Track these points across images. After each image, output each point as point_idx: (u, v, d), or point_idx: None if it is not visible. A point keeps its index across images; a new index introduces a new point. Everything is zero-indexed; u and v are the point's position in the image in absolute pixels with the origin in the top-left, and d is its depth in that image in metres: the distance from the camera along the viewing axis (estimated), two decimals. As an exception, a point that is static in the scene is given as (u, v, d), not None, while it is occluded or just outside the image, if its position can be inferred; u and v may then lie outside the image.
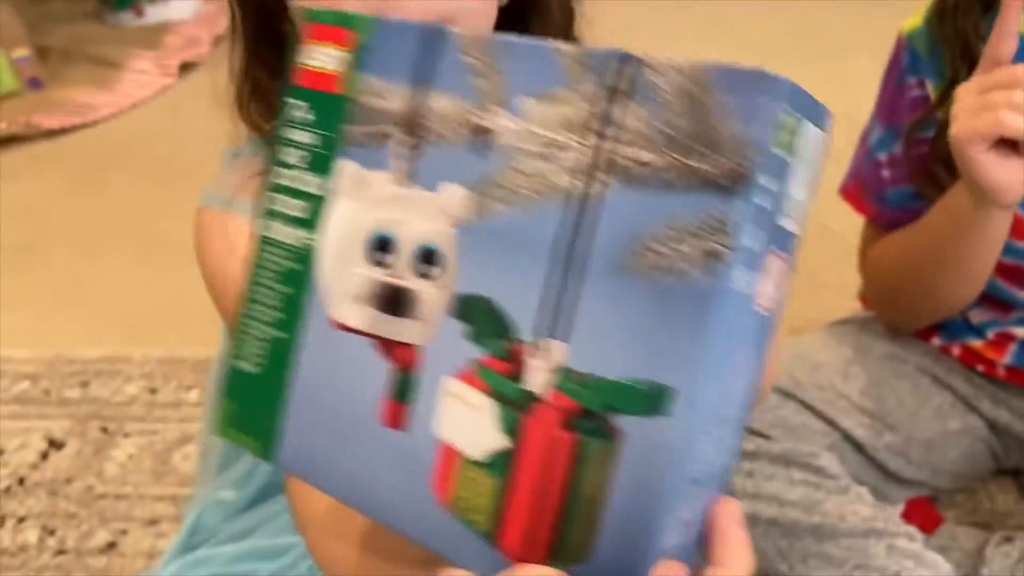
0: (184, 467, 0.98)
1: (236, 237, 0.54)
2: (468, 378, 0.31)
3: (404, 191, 0.32)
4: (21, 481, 0.98)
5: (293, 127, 0.35)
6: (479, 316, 0.31)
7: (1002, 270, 0.71)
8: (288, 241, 0.35)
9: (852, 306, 0.85)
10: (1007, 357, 0.76)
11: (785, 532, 0.71)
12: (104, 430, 1.04)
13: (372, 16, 0.33)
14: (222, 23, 2.02)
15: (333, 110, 0.33)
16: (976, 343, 0.77)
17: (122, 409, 1.06)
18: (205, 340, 1.09)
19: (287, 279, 0.35)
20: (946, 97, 0.65)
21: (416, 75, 0.32)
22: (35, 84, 1.77)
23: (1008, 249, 0.69)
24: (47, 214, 1.45)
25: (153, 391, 1.08)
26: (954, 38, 0.67)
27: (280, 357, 0.35)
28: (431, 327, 0.32)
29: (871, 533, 0.70)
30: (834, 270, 0.86)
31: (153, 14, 2.05)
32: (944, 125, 0.66)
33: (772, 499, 0.71)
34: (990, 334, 0.76)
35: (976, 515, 0.83)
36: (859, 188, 0.77)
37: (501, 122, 0.29)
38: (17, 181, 1.55)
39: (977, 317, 0.76)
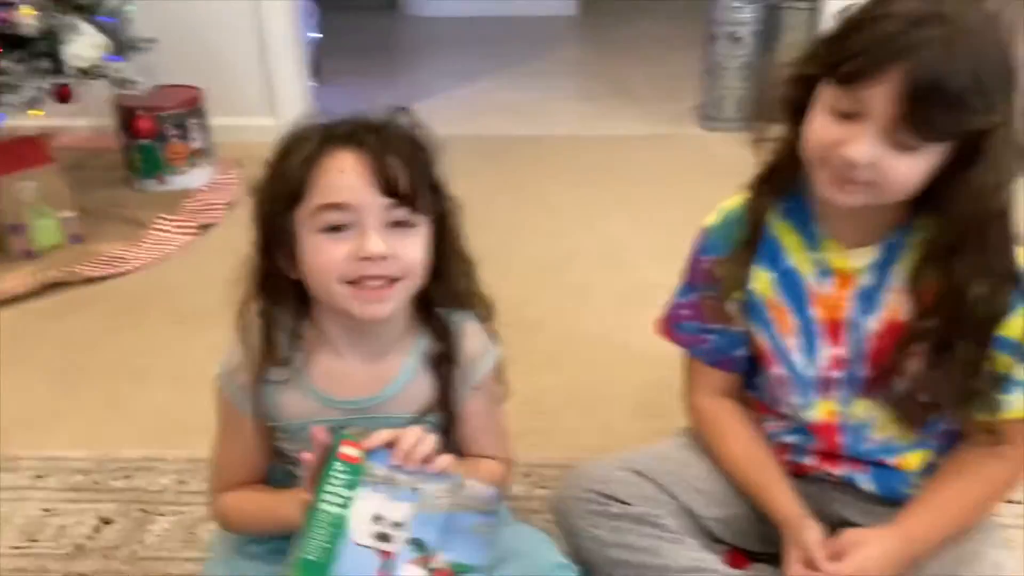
0: (207, 537, 1.27)
1: (227, 419, 0.99)
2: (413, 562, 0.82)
3: (390, 501, 0.83)
4: (80, 548, 1.27)
5: (337, 472, 0.82)
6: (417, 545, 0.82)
7: (768, 390, 1.08)
8: (334, 510, 0.81)
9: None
10: (789, 456, 1.10)
11: (637, 571, 1.02)
12: (143, 511, 1.33)
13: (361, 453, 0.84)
14: (233, 191, 2.42)
15: (356, 469, 0.82)
16: (772, 444, 1.12)
17: (157, 495, 1.36)
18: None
19: (333, 523, 0.81)
20: (722, 265, 1.02)
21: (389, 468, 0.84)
22: (76, 239, 2.11)
23: (764, 374, 1.06)
24: (91, 346, 1.76)
25: (182, 482, 1.39)
26: (748, 218, 1.01)
27: (329, 555, 0.80)
28: (401, 547, 0.82)
29: (696, 570, 1.02)
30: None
31: (173, 182, 2.41)
32: (727, 290, 1.02)
33: (629, 547, 1.03)
34: (776, 442, 1.10)
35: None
36: (664, 321, 1.13)
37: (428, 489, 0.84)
38: (63, 319, 1.86)
39: (768, 428, 1.11)
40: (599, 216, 2.31)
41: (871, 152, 0.84)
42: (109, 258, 2.06)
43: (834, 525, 1.06)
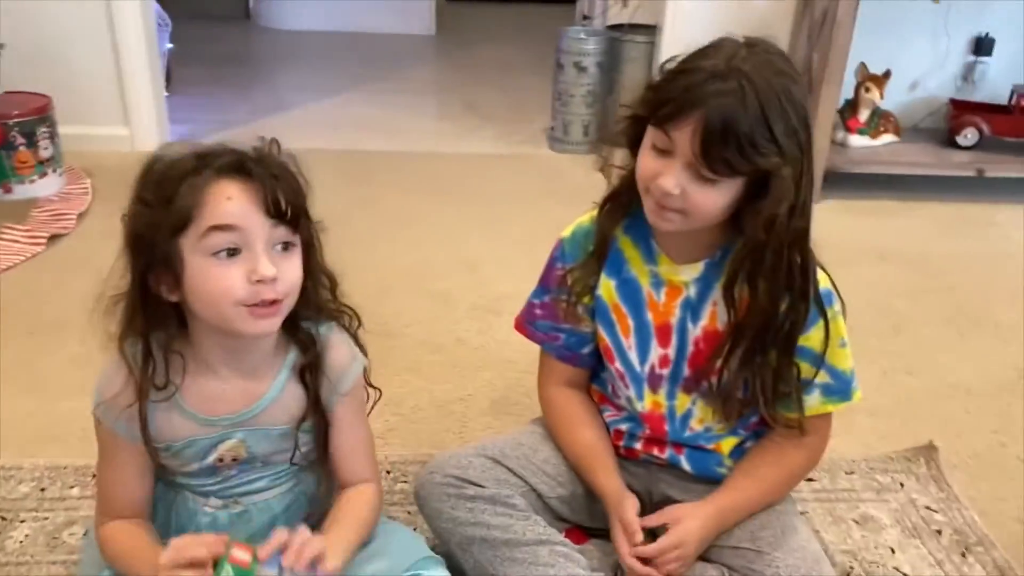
0: (72, 541, 1.29)
1: (109, 447, 1.00)
2: None
3: None
4: (-65, 557, 1.26)
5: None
6: None
7: (608, 384, 1.23)
8: None
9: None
10: (623, 442, 1.26)
11: (491, 546, 1.13)
12: (2, 518, 1.33)
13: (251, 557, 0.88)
14: (84, 201, 2.39)
15: (247, 573, 0.86)
16: (610, 433, 1.27)
17: (17, 503, 1.36)
18: (82, 453, 1.43)
19: None
20: (572, 272, 1.16)
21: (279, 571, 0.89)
22: (-87, 248, 2.04)
23: (605, 368, 1.21)
24: (-62, 357, 1.72)
25: (43, 489, 1.39)
26: (596, 233, 1.15)
27: None
28: None
29: (540, 543, 1.14)
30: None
31: (20, 191, 2.35)
32: (576, 294, 1.16)
33: (483, 524, 1.14)
34: (612, 429, 1.25)
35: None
36: (521, 318, 1.26)
37: None
38: (-96, 330, 1.81)
39: (606, 417, 1.26)
40: (455, 229, 2.43)
41: (678, 183, 1.00)
42: (-48, 268, 2.00)
43: (658, 500, 1.22)
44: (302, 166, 0.97)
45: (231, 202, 0.89)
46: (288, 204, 0.92)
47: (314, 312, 1.03)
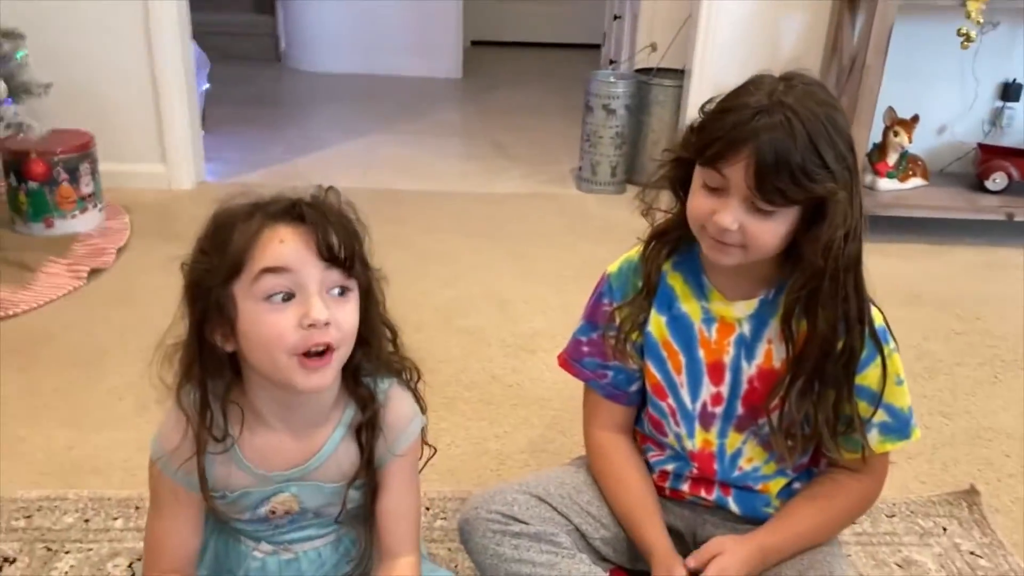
0: (116, 573, 1.30)
1: (165, 497, 0.99)
2: None
3: None
4: (-19, 587, 1.27)
5: None
6: None
7: (652, 422, 1.23)
8: None
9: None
10: (668, 483, 1.25)
11: None
12: (48, 549, 1.34)
13: None
14: (123, 236, 2.43)
15: None
16: (655, 474, 1.27)
17: (62, 534, 1.37)
18: (123, 484, 1.44)
19: None
20: (622, 309, 1.16)
21: None
22: (-43, 281, 2.08)
23: (653, 405, 1.21)
24: (-18, 388, 1.75)
25: (87, 520, 1.39)
26: (644, 269, 1.17)
27: None
28: None
29: (587, 582, 1.15)
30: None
31: (61, 226, 2.40)
32: (626, 332, 1.17)
33: (529, 562, 1.14)
34: (657, 470, 1.25)
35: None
36: (566, 356, 1.27)
37: None
38: (-51, 361, 1.84)
39: (650, 457, 1.27)
40: (485, 267, 2.45)
41: (735, 218, 1.02)
42: (-4, 301, 2.03)
43: (701, 542, 1.20)
44: (359, 212, 0.96)
45: (283, 245, 0.88)
46: (342, 247, 0.90)
47: (375, 366, 1.01)
